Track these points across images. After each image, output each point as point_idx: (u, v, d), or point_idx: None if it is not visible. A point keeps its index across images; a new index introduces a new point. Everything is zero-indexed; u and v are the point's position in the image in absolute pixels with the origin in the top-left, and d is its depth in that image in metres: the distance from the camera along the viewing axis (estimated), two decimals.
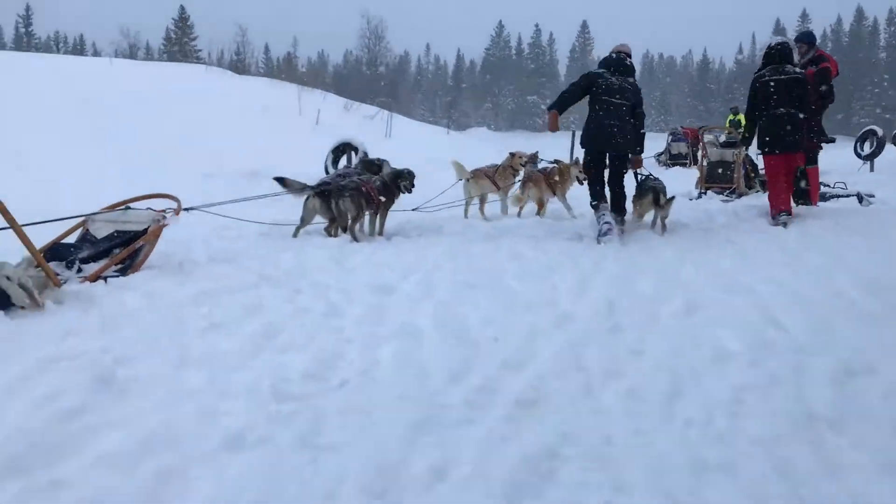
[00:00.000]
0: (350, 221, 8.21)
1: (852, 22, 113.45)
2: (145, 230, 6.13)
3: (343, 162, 12.80)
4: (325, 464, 3.12)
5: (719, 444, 3.25)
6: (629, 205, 8.87)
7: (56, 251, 5.87)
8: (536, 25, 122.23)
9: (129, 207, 6.44)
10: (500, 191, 10.33)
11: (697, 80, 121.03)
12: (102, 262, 5.81)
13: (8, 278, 4.71)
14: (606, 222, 8.09)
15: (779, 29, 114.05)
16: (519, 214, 10.38)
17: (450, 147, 19.13)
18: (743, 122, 25.21)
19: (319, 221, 8.69)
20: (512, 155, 10.59)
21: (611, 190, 8.70)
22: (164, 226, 6.23)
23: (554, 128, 8.70)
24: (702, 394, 3.74)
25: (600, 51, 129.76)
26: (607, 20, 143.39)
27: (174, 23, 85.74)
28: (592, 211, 8.55)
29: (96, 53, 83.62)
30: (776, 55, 9.15)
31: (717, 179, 13.20)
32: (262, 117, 15.43)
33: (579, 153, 9.39)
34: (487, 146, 22.18)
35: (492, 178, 10.26)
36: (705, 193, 13.16)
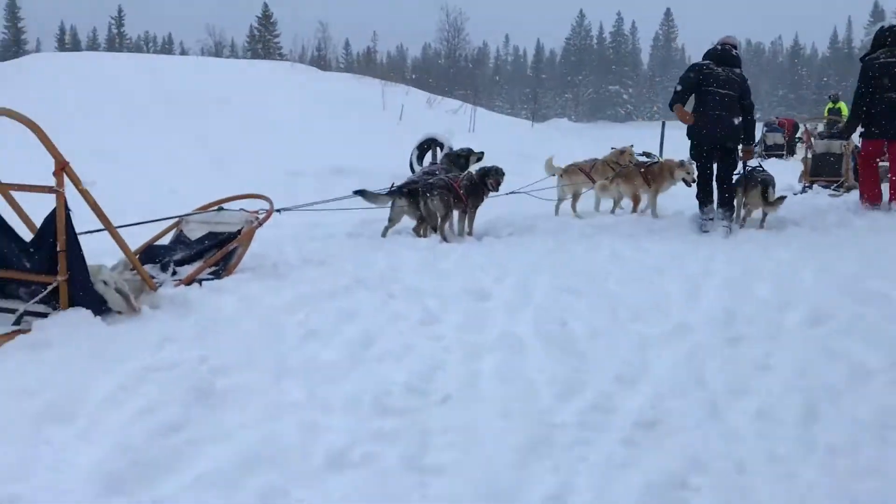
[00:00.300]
0: (439, 221, 8.02)
1: None
2: (238, 231, 6.07)
3: (428, 158, 12.61)
4: (433, 488, 2.93)
5: (872, 477, 2.90)
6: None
7: (150, 253, 5.87)
8: (618, 13, 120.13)
9: (222, 208, 6.40)
10: (596, 188, 9.97)
11: (787, 67, 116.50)
12: (197, 265, 5.76)
13: (105, 283, 4.68)
14: (710, 219, 7.86)
15: (877, 12, 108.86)
16: (613, 211, 10.01)
17: (534, 140, 18.83)
18: (844, 110, 24.05)
19: (408, 222, 8.55)
20: (621, 151, 10.20)
21: (719, 185, 8.33)
22: (258, 227, 6.15)
23: (687, 118, 8.34)
24: (842, 416, 3.39)
25: (684, 39, 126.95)
26: (691, 7, 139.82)
27: (258, 20, 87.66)
28: (697, 205, 8.26)
29: (184, 52, 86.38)
30: (889, 38, 8.59)
31: (823, 172, 12.48)
32: (346, 113, 15.44)
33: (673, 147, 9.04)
34: (571, 138, 21.77)
35: (587, 173, 9.91)
36: (811, 187, 12.49)
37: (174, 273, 5.66)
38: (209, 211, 6.39)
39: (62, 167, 4.41)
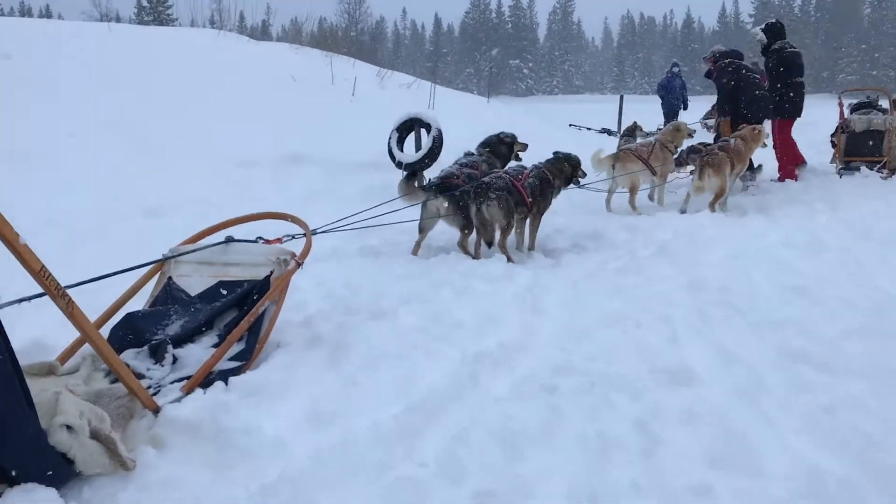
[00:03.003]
0: (499, 234, 5.86)
1: None
2: (267, 280, 3.72)
3: (410, 143, 10.31)
4: None
5: None
6: None
7: (127, 328, 3.46)
8: None
9: (231, 239, 3.97)
10: (657, 177, 7.99)
11: (681, 42, 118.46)
12: (209, 345, 3.43)
13: (69, 428, 2.34)
14: None
15: None
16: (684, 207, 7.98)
17: (496, 119, 16.70)
18: None
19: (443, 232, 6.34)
20: (676, 129, 8.22)
21: None
22: (297, 269, 3.81)
23: None
24: None
25: (581, 13, 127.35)
26: None
27: None
28: None
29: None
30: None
31: (861, 152, 10.91)
32: (291, 89, 12.87)
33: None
34: (528, 116, 19.74)
35: (645, 160, 7.91)
36: (849, 169, 10.92)
37: (174, 361, 3.30)
38: (209, 245, 3.93)
39: None
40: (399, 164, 9.94)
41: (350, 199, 9.40)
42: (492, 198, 5.77)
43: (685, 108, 18.43)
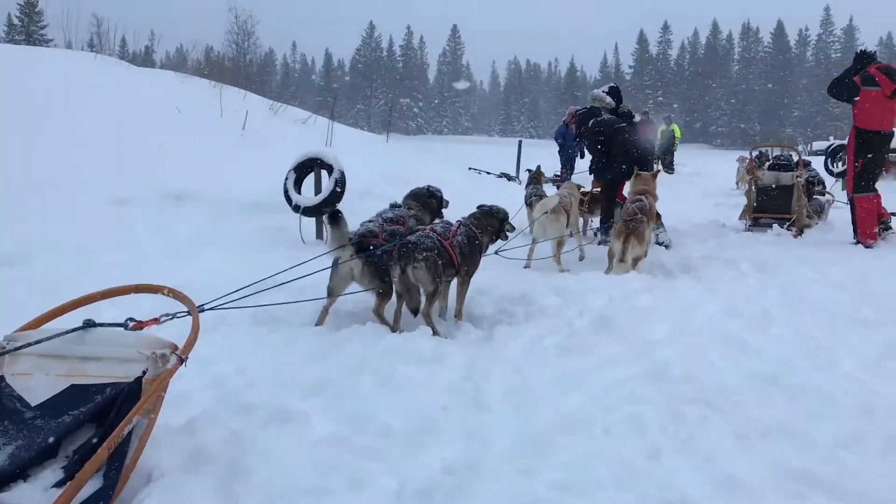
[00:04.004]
0: (426, 302, 5.05)
1: (708, 35, 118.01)
2: (138, 382, 2.76)
3: (308, 184, 9.39)
4: None
5: None
6: None
7: None
8: (408, 27, 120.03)
9: (91, 323, 2.97)
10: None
11: (565, 88, 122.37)
12: (46, 485, 2.43)
13: None
14: None
15: (642, 39, 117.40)
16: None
17: (395, 159, 15.97)
18: (678, 132, 25.05)
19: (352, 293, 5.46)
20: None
21: None
22: (179, 366, 2.87)
23: None
24: None
25: (470, 56, 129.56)
26: (476, 24, 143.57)
27: (19, 8, 76.81)
28: None
29: None
30: None
31: (769, 207, 10.80)
32: (176, 121, 11.67)
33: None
34: (426, 156, 19.09)
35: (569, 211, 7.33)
36: (756, 225, 10.79)
37: None
38: (58, 334, 2.91)
39: None
40: (296, 208, 9.03)
41: (242, 245, 8.41)
42: (418, 259, 4.97)
43: (582, 157, 18.26)
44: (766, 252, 8.44)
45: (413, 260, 4.95)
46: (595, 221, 10.17)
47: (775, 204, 10.71)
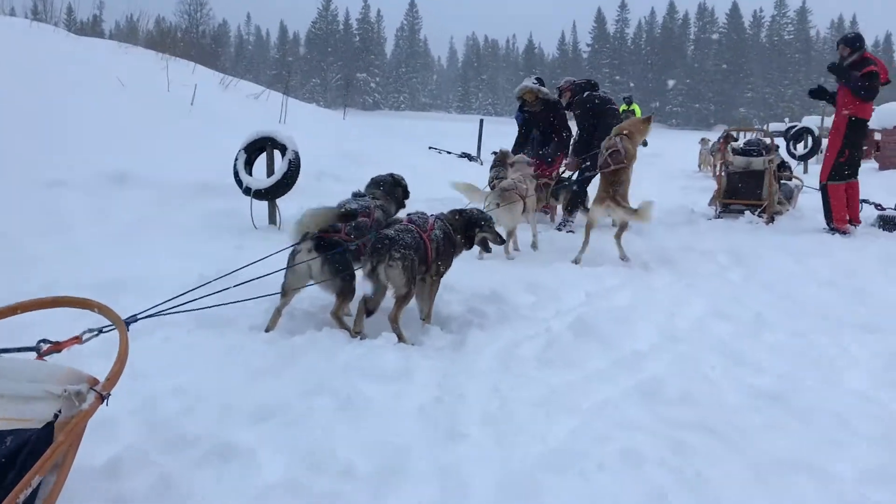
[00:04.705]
0: (395, 305, 4.55)
1: (665, 15, 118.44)
2: (48, 428, 2.24)
3: (260, 165, 8.77)
4: None
5: None
6: None
7: None
8: (365, 1, 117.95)
9: None
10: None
11: (523, 65, 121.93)
12: None
13: None
14: None
15: (599, 17, 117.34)
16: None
17: (353, 137, 15.36)
18: (638, 112, 25.24)
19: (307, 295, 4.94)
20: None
21: None
22: (100, 404, 2.35)
23: None
24: None
25: (428, 31, 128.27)
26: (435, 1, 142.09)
27: None
28: None
29: None
30: None
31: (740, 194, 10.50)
32: (119, 95, 10.90)
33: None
34: (386, 135, 18.46)
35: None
36: (727, 211, 10.50)
37: None
38: None
39: None
40: (247, 191, 8.43)
41: (189, 231, 7.80)
42: (395, 257, 4.45)
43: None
44: (742, 242, 8.12)
45: (389, 258, 4.44)
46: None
47: (746, 190, 10.41)
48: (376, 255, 4.45)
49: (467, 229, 5.07)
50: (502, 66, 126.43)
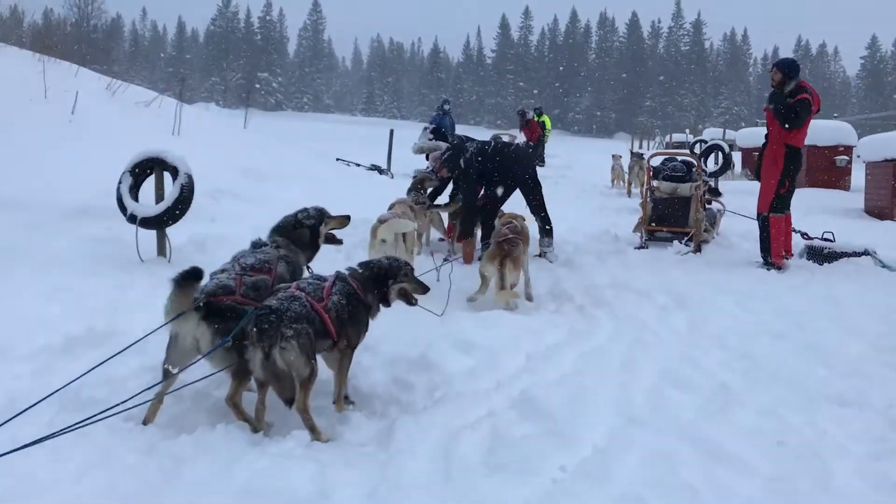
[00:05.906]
0: (300, 391, 3.71)
1: (568, 23, 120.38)
2: None
3: (148, 189, 7.73)
4: None
5: None
6: None
7: None
8: None
9: None
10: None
11: (428, 70, 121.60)
12: None
13: None
14: None
15: (504, 23, 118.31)
16: None
17: (255, 150, 14.31)
18: (549, 124, 25.27)
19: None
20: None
21: None
22: None
23: None
24: None
25: (332, 31, 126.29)
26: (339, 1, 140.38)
27: None
28: None
29: None
30: None
31: (665, 220, 10.10)
32: None
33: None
34: (292, 147, 17.41)
35: None
36: (653, 239, 10.09)
37: None
38: None
39: None
40: (132, 218, 7.39)
41: (62, 263, 6.74)
42: (289, 336, 3.61)
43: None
44: (677, 279, 7.65)
45: (281, 338, 3.60)
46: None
47: (673, 217, 10.03)
48: (265, 337, 3.59)
49: (379, 284, 4.28)
50: (408, 70, 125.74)
